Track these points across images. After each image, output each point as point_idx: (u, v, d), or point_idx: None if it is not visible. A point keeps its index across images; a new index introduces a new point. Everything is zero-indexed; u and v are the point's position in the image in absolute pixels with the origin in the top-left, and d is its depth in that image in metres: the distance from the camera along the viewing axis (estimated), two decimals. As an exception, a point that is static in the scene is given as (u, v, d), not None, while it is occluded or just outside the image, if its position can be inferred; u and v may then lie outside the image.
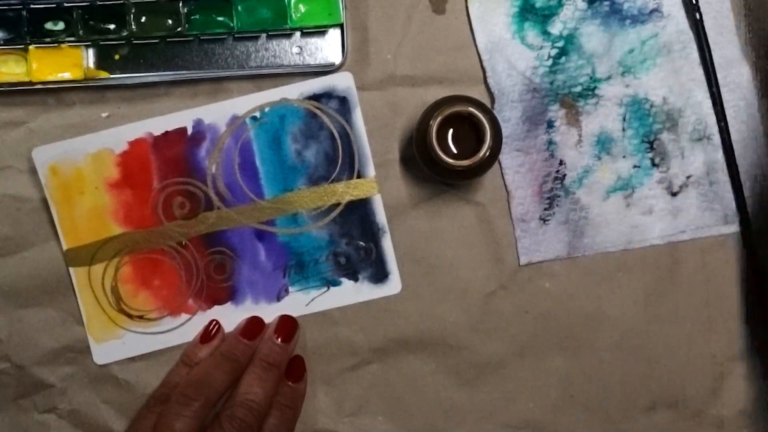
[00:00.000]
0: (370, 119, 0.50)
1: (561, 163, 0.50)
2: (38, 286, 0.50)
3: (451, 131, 0.45)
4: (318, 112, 0.50)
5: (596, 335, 0.51)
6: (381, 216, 0.50)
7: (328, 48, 0.50)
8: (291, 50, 0.50)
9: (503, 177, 0.50)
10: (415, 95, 0.50)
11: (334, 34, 0.50)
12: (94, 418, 0.51)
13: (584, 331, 0.51)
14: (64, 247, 0.50)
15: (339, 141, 0.50)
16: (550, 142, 0.50)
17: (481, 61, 0.50)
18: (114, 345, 0.51)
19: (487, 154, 0.44)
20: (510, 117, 0.50)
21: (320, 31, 0.50)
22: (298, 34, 0.50)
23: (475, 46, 0.50)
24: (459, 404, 0.51)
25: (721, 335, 0.51)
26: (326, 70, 0.50)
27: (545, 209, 0.50)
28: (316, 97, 0.50)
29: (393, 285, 0.51)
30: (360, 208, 0.50)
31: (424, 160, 0.46)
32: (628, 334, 0.51)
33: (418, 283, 0.51)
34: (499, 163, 0.50)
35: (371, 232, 0.50)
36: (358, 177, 0.50)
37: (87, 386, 0.51)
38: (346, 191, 0.50)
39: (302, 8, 0.49)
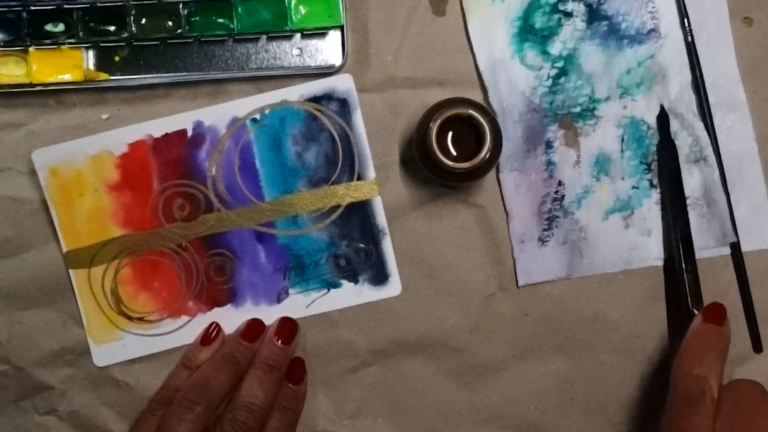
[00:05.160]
0: (370, 121, 0.50)
1: (560, 183, 0.50)
2: (38, 288, 0.50)
3: (450, 133, 0.45)
4: (318, 114, 0.50)
5: (596, 337, 0.51)
6: (381, 218, 0.50)
7: (328, 50, 0.50)
8: (291, 52, 0.50)
9: (502, 197, 0.50)
10: (415, 97, 0.50)
11: (334, 35, 0.50)
12: (94, 419, 0.51)
13: (584, 333, 0.51)
14: (64, 249, 0.50)
15: (339, 143, 0.50)
16: (549, 163, 0.50)
17: (482, 80, 0.50)
18: (114, 347, 0.51)
19: (487, 156, 0.44)
20: (512, 136, 0.50)
21: (320, 32, 0.50)
22: (298, 35, 0.50)
23: (476, 65, 0.50)
24: (459, 406, 0.51)
25: (721, 337, 0.51)
26: (326, 71, 0.50)
27: (544, 230, 0.50)
28: (316, 99, 0.50)
29: (393, 287, 0.51)
30: (360, 210, 0.50)
31: (424, 162, 0.46)
32: (628, 337, 0.51)
33: (418, 285, 0.51)
34: (499, 183, 0.50)
35: (371, 234, 0.50)
36: (359, 179, 0.50)
37: (87, 388, 0.51)
38: (346, 193, 0.50)
39: (302, 10, 0.49)
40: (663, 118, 0.49)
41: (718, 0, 0.50)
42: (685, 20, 0.50)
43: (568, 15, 0.50)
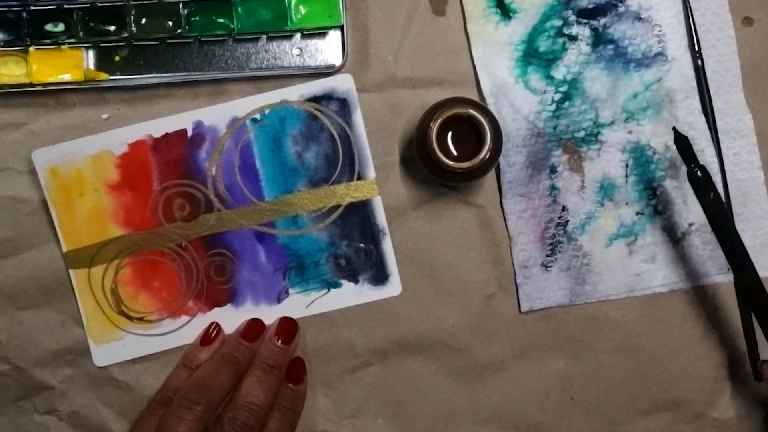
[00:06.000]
0: (370, 121, 0.50)
1: (564, 209, 0.50)
2: (38, 288, 0.50)
3: (451, 133, 0.45)
4: (318, 113, 0.50)
5: (596, 338, 0.51)
6: (381, 218, 0.50)
7: (328, 49, 0.50)
8: (291, 52, 0.50)
9: (506, 222, 0.50)
10: (415, 97, 0.50)
11: (334, 35, 0.50)
12: (94, 419, 0.51)
13: (584, 333, 0.51)
14: (64, 249, 0.50)
15: (339, 143, 0.50)
16: (553, 188, 0.50)
17: (485, 105, 0.50)
18: (114, 347, 0.50)
19: (487, 156, 0.44)
20: (515, 162, 0.49)
21: (320, 32, 0.50)
22: (298, 35, 0.50)
23: (479, 90, 0.50)
24: (459, 406, 0.51)
25: (722, 337, 0.51)
26: (326, 71, 0.50)
27: (547, 255, 0.50)
28: (316, 99, 0.50)
29: (393, 287, 0.51)
30: (360, 210, 0.50)
31: (425, 162, 0.46)
32: (628, 337, 0.51)
33: (418, 285, 0.51)
34: (502, 208, 0.50)
35: (371, 234, 0.50)
36: (359, 179, 0.50)
37: (87, 388, 0.51)
38: (346, 193, 0.50)
39: (302, 10, 0.49)
40: (682, 140, 0.46)
41: (725, 27, 0.50)
42: (696, 45, 0.49)
43: (573, 39, 0.50)
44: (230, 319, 0.50)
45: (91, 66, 0.49)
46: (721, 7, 0.50)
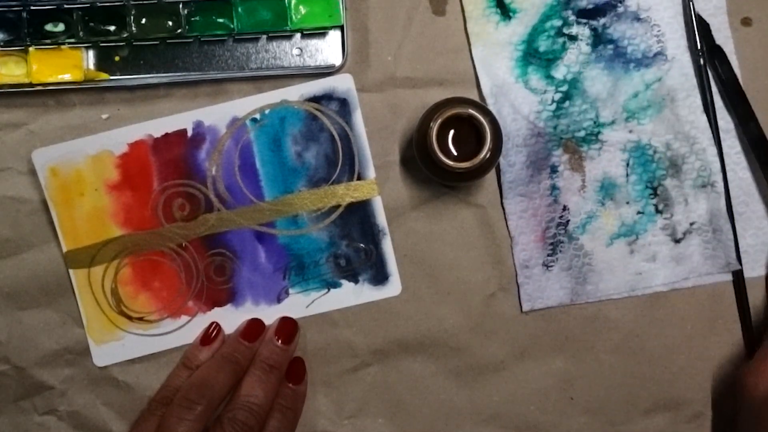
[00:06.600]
0: (370, 121, 0.50)
1: (564, 208, 0.50)
2: (38, 288, 0.50)
3: (451, 133, 0.45)
4: (318, 113, 0.50)
5: (596, 337, 0.51)
6: (381, 218, 0.50)
7: (328, 49, 0.50)
8: (291, 52, 0.50)
9: (507, 222, 0.50)
10: (415, 97, 0.50)
11: (334, 35, 0.50)
12: (94, 419, 0.51)
13: (584, 333, 0.51)
14: (64, 249, 0.50)
15: (339, 143, 0.50)
16: (554, 188, 0.50)
17: (485, 105, 0.49)
18: (114, 347, 0.50)
19: (488, 156, 0.44)
20: (515, 162, 0.49)
21: (320, 32, 0.50)
22: (298, 35, 0.50)
23: (479, 90, 0.50)
24: (459, 406, 0.51)
25: (721, 337, 0.51)
26: (326, 71, 0.50)
27: (548, 255, 0.50)
28: (316, 99, 0.50)
29: (393, 287, 0.51)
30: (360, 210, 0.50)
31: (425, 162, 0.46)
32: (628, 336, 0.51)
33: (418, 285, 0.51)
34: (503, 208, 0.50)
35: (371, 234, 0.50)
36: (359, 179, 0.50)
37: (87, 388, 0.51)
38: (346, 193, 0.50)
39: (302, 10, 0.49)
40: (703, 24, 0.49)
41: (723, 27, 0.50)
42: (698, 44, 0.49)
43: (573, 39, 0.50)
44: (230, 319, 0.50)
45: (91, 66, 0.49)
46: (719, 7, 0.50)
